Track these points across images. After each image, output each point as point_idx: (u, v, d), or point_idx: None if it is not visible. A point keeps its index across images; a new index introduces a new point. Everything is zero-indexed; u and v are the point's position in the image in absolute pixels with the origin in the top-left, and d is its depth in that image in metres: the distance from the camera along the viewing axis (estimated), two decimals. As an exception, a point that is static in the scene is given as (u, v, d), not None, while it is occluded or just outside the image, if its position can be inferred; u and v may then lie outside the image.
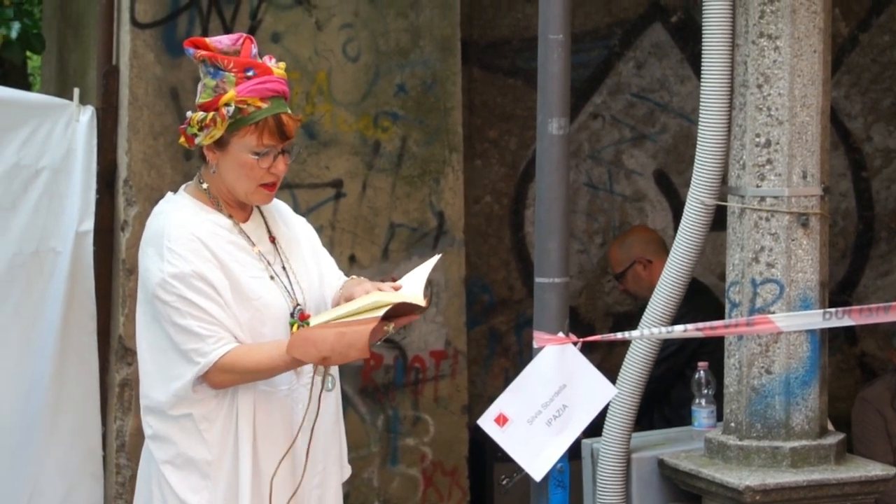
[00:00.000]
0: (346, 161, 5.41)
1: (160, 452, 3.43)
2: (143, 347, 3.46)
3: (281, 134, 3.41)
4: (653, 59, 6.36)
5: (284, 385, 3.46)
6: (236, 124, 3.38)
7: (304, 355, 3.31)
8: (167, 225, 3.39)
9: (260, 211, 3.57)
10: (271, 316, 3.43)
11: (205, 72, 3.41)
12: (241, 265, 3.42)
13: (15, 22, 5.74)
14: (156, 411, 3.43)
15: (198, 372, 3.35)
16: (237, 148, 3.40)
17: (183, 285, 3.33)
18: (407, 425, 5.51)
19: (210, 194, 3.47)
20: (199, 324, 3.34)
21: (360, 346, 3.27)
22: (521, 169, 6.26)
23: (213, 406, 3.41)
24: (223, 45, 3.43)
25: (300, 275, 3.54)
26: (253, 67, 3.40)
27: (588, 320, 6.32)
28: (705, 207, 4.23)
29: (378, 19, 5.44)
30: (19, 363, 4.97)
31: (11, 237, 4.93)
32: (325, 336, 3.29)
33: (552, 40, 4.13)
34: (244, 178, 3.42)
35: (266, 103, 3.39)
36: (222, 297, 3.37)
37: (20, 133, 4.94)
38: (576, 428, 3.94)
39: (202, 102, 3.41)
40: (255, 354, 3.37)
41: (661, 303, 4.27)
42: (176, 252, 3.35)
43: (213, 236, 3.41)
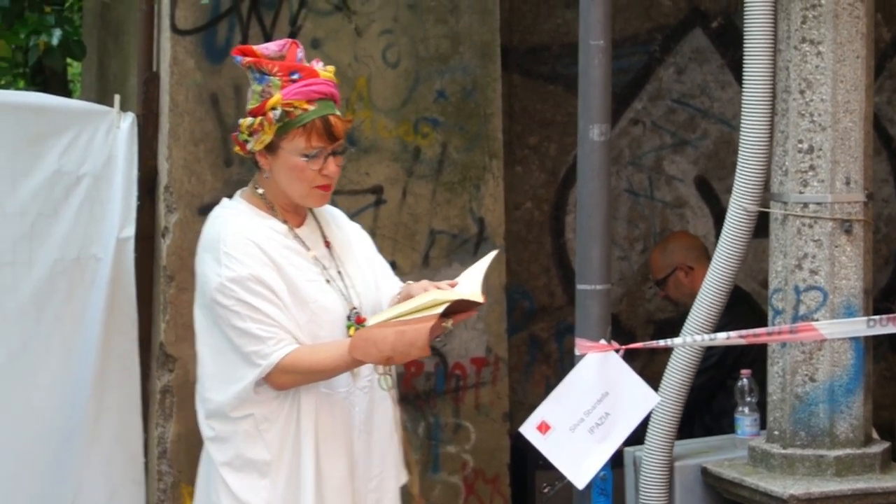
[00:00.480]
0: (386, 167, 5.41)
1: (219, 454, 3.46)
2: (203, 351, 3.50)
3: (329, 135, 3.44)
4: (693, 64, 6.33)
5: (342, 388, 3.48)
6: (284, 128, 3.41)
7: (366, 355, 3.34)
8: (223, 230, 3.44)
9: (315, 216, 3.60)
10: (328, 319, 3.46)
11: (252, 78, 3.46)
12: (296, 269, 3.45)
13: (56, 29, 5.77)
14: (217, 413, 3.47)
15: (259, 374, 3.38)
16: (287, 151, 3.43)
17: (241, 288, 3.37)
18: (448, 433, 5.50)
19: (265, 199, 3.51)
20: (259, 326, 3.37)
21: (420, 343, 3.29)
22: (562, 175, 6.24)
23: (274, 407, 3.43)
24: (269, 51, 3.47)
25: (355, 279, 3.57)
26: (298, 70, 3.43)
27: (629, 327, 6.29)
28: (748, 214, 4.20)
29: (418, 25, 5.43)
30: (61, 369, 4.98)
31: (53, 244, 4.95)
32: (385, 335, 3.31)
33: (593, 46, 4.12)
34: (296, 180, 3.45)
35: (313, 105, 3.42)
36: (280, 300, 3.40)
37: (62, 140, 4.96)
38: (619, 436, 3.92)
39: (251, 108, 3.46)
40: (317, 355, 3.40)
41: (703, 310, 4.24)
42: (233, 256, 3.39)
43: (269, 241, 3.44)
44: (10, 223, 4.88)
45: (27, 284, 4.90)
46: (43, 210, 4.93)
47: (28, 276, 4.90)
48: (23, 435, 4.93)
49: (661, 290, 5.68)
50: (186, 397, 5.14)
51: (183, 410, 5.16)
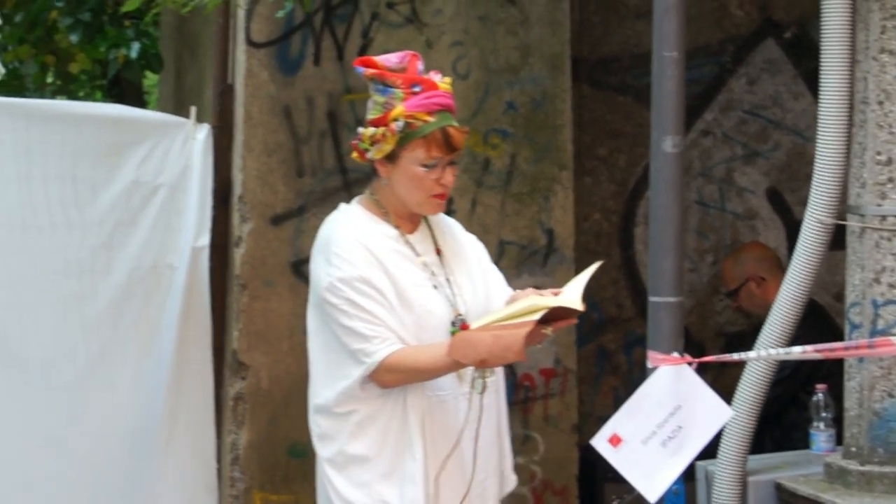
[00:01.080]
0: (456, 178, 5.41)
1: (324, 450, 3.57)
2: (314, 349, 3.59)
3: (448, 146, 3.53)
4: (765, 75, 6.29)
5: (446, 391, 3.55)
6: (405, 138, 3.50)
7: (464, 357, 3.41)
8: (335, 232, 3.55)
9: (428, 224, 3.68)
10: (432, 323, 3.53)
11: (374, 89, 3.55)
12: (404, 272, 3.54)
13: (134, 42, 5.85)
14: (323, 410, 3.56)
15: (364, 371, 3.47)
16: (407, 161, 3.52)
17: (349, 289, 3.46)
18: (517, 444, 5.47)
19: (380, 205, 3.61)
20: (366, 325, 3.46)
21: (516, 348, 3.35)
22: (631, 186, 6.22)
23: (378, 405, 3.52)
24: (391, 63, 3.56)
25: (464, 287, 3.64)
26: (419, 83, 3.53)
27: (699, 340, 6.26)
28: (823, 226, 4.16)
29: (488, 37, 5.45)
30: (137, 376, 5.04)
31: (130, 252, 5.01)
32: (482, 338, 3.38)
33: (666, 57, 4.11)
34: (415, 189, 3.55)
35: (433, 117, 3.51)
36: (388, 301, 3.49)
37: (139, 150, 5.03)
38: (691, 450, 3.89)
39: (372, 118, 3.54)
40: (419, 355, 3.49)
41: (777, 323, 4.21)
42: (342, 257, 3.49)
43: (379, 244, 3.54)
44: (89, 232, 4.96)
45: (105, 292, 4.98)
46: (121, 219, 5.00)
47: (106, 284, 4.98)
48: (100, 440, 5.00)
49: (733, 301, 5.65)
50: (258, 404, 5.19)
51: (255, 417, 5.20)
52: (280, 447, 5.18)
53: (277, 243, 5.23)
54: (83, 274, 4.95)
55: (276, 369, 5.20)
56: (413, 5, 5.37)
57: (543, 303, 3.42)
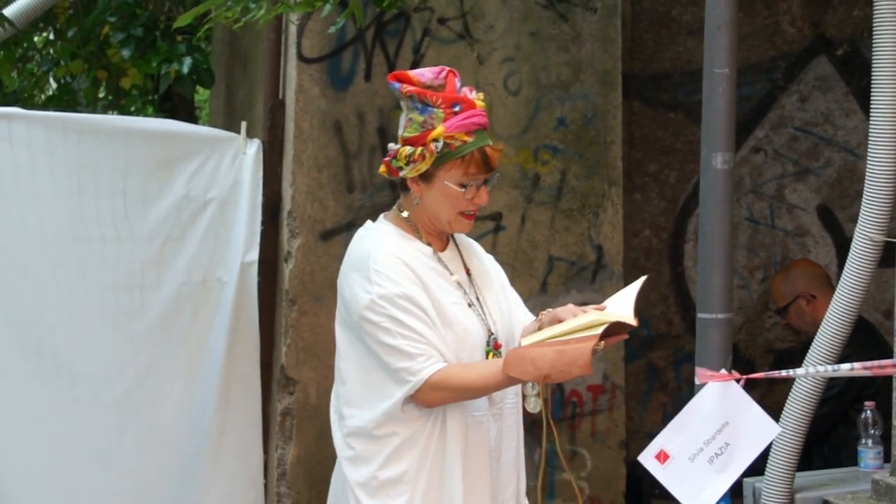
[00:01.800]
0: (506, 194, 5.43)
1: (356, 474, 3.48)
2: (349, 370, 3.51)
3: (486, 165, 3.49)
4: (817, 92, 6.26)
5: (480, 411, 3.50)
6: (443, 158, 3.45)
7: (523, 374, 3.34)
8: (373, 249, 3.47)
9: (455, 244, 3.64)
10: (470, 342, 3.49)
11: (411, 107, 3.48)
12: (442, 291, 3.49)
13: (186, 57, 5.89)
14: (360, 432, 3.48)
15: (408, 391, 3.40)
16: (443, 180, 3.47)
17: (392, 306, 3.40)
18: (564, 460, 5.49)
19: (410, 222, 3.55)
20: (409, 343, 3.39)
21: (582, 362, 3.30)
22: (681, 203, 6.21)
23: (418, 427, 3.45)
24: (426, 78, 3.49)
25: (492, 307, 3.60)
26: (459, 102, 3.46)
27: (748, 356, 6.23)
28: (873, 244, 4.14)
29: (539, 53, 5.46)
30: (186, 390, 5.07)
31: (180, 267, 5.04)
32: (543, 354, 3.32)
33: (718, 74, 4.09)
34: (449, 207, 3.50)
35: (471, 137, 3.46)
36: (430, 317, 3.43)
37: (190, 165, 5.06)
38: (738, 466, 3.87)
39: (409, 137, 3.47)
40: (469, 372, 3.42)
41: (826, 340, 4.18)
42: (383, 274, 3.42)
43: (417, 261, 3.49)
44: (139, 247, 4.99)
45: (155, 306, 5.01)
46: (171, 234, 5.03)
47: (156, 299, 5.01)
48: (147, 454, 5.02)
49: (783, 318, 5.61)
50: (306, 420, 5.21)
51: (302, 433, 5.22)
52: (328, 463, 5.14)
53: (326, 258, 5.25)
54: (133, 288, 4.97)
55: (325, 384, 5.21)
56: (465, 21, 5.39)
57: (605, 318, 3.37)
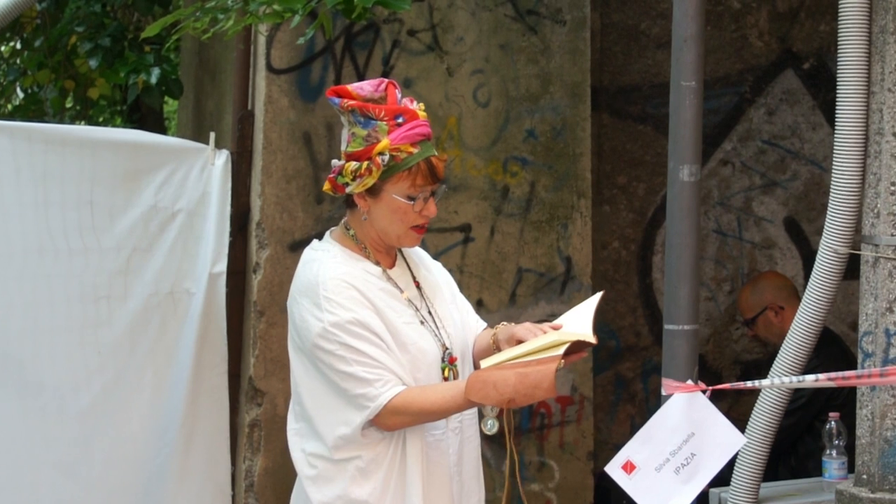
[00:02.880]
0: (475, 206, 5.44)
1: (319, 494, 3.43)
2: (303, 395, 3.45)
3: (433, 176, 3.44)
4: (784, 105, 6.30)
5: (439, 430, 3.48)
6: (389, 171, 3.39)
7: (485, 398, 3.31)
8: (321, 274, 3.40)
9: (403, 257, 3.59)
10: (425, 361, 3.45)
11: (353, 121, 3.42)
12: (394, 312, 3.44)
13: (155, 68, 5.88)
14: (321, 455, 3.43)
15: (368, 416, 3.35)
16: (391, 194, 3.42)
17: (344, 333, 3.34)
18: (532, 471, 5.50)
19: (357, 240, 3.50)
20: (365, 369, 3.34)
21: (546, 385, 3.26)
22: (650, 215, 6.23)
23: (380, 449, 3.41)
24: (367, 91, 3.44)
25: (445, 319, 3.56)
26: (402, 114, 3.41)
27: (715, 368, 6.25)
28: (838, 256, 4.17)
29: (509, 65, 5.47)
30: (153, 401, 5.05)
31: (148, 278, 5.03)
32: (505, 378, 3.28)
33: (684, 87, 4.12)
34: (397, 222, 3.44)
35: (416, 148, 3.41)
36: (384, 341, 3.38)
37: (158, 176, 5.04)
38: (704, 477, 3.88)
39: (353, 151, 3.42)
40: (429, 396, 3.38)
41: (792, 352, 4.21)
42: (333, 300, 3.35)
43: (366, 283, 3.42)
44: (106, 258, 4.97)
45: (122, 318, 4.99)
46: (139, 245, 5.01)
47: (123, 310, 4.99)
48: (115, 465, 5.00)
49: (750, 330, 5.64)
50: (274, 431, 5.20)
51: (270, 444, 5.21)
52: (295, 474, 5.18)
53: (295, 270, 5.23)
54: (100, 299, 4.96)
55: (293, 395, 5.21)
56: (434, 33, 5.40)
57: (565, 338, 3.34)
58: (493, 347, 3.55)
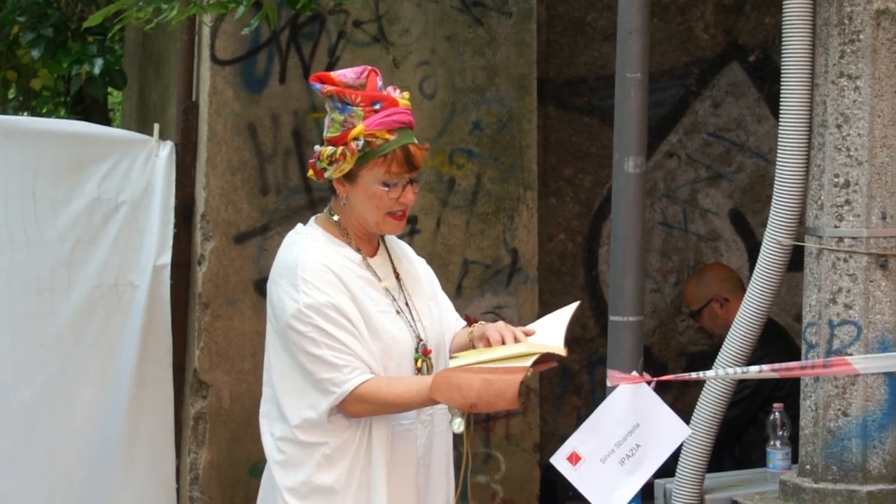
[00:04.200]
0: (421, 198, 5.43)
1: (286, 479, 3.44)
2: (274, 377, 3.48)
3: (409, 164, 3.45)
4: (730, 98, 6.33)
5: (408, 420, 3.48)
6: (365, 157, 3.41)
7: (449, 400, 3.31)
8: (301, 256, 3.43)
9: (385, 247, 3.61)
10: (398, 350, 3.46)
11: (332, 107, 3.46)
12: (370, 299, 3.46)
13: (98, 58, 5.83)
14: (288, 438, 3.45)
15: (333, 402, 3.37)
16: (367, 180, 3.44)
17: (318, 315, 3.36)
18: (478, 462, 5.50)
19: (340, 226, 3.52)
20: (334, 354, 3.36)
21: (509, 396, 3.27)
22: (596, 207, 6.25)
23: (347, 436, 3.43)
24: (348, 78, 3.47)
25: (422, 312, 3.57)
26: (379, 100, 3.44)
27: (661, 360, 6.28)
28: (782, 248, 4.20)
29: (455, 57, 5.47)
30: (97, 395, 5.02)
31: (91, 270, 4.99)
32: (470, 382, 3.28)
33: (630, 79, 4.13)
34: (374, 208, 3.46)
35: (393, 135, 3.42)
36: (356, 328, 3.40)
37: (102, 167, 5.01)
38: (649, 468, 3.90)
39: (331, 137, 3.45)
40: (394, 388, 3.39)
41: (736, 343, 4.24)
42: (311, 283, 3.38)
43: (345, 269, 3.45)
44: (49, 249, 4.93)
45: (65, 310, 4.96)
46: (82, 237, 4.98)
47: (66, 302, 4.96)
48: (58, 457, 4.97)
49: (696, 322, 5.66)
50: (219, 424, 5.18)
51: (215, 437, 5.18)
52: (241, 466, 5.17)
53: (240, 262, 5.22)
54: (42, 292, 4.92)
55: (238, 388, 5.19)
56: (380, 24, 5.39)
57: (534, 349, 3.34)
58: (469, 346, 3.57)
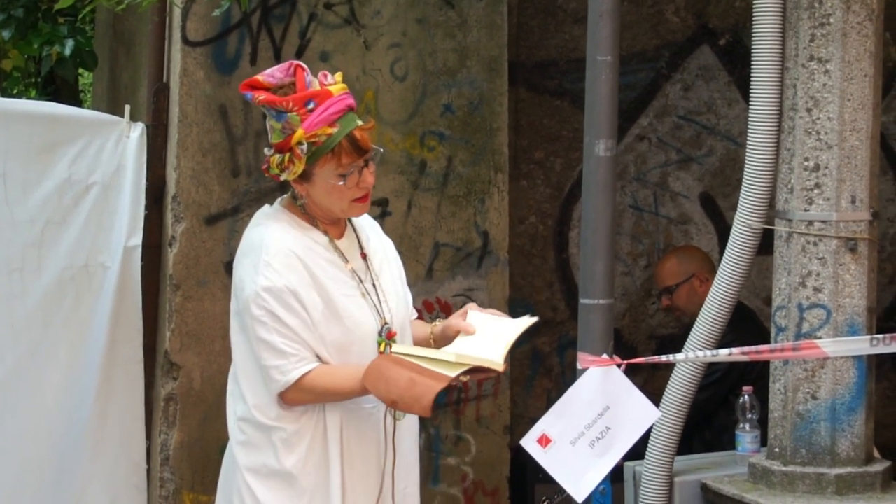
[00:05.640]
0: (392, 180, 5.43)
1: (246, 459, 3.47)
2: (236, 358, 3.50)
3: (358, 150, 3.44)
4: (700, 81, 6.35)
5: (370, 404, 3.49)
6: (313, 156, 3.40)
7: (375, 390, 3.34)
8: (265, 238, 3.44)
9: (353, 227, 3.61)
10: (360, 335, 3.47)
11: (269, 115, 3.44)
12: (334, 283, 3.46)
13: (68, 39, 5.80)
14: (248, 419, 3.47)
15: (276, 389, 3.39)
16: (321, 176, 3.44)
17: (273, 300, 3.37)
18: (448, 444, 5.51)
19: (306, 209, 3.51)
20: (284, 341, 3.38)
21: (424, 402, 3.28)
22: (567, 190, 6.25)
23: (303, 422, 3.44)
24: (276, 79, 3.43)
25: (389, 293, 3.58)
26: (311, 98, 3.40)
27: (631, 343, 6.30)
28: (752, 231, 4.21)
29: (426, 39, 5.46)
30: (67, 376, 5.01)
31: (62, 251, 4.98)
32: (398, 377, 3.30)
33: (600, 62, 4.13)
34: (336, 200, 3.47)
35: (335, 127, 3.41)
36: (311, 317, 3.40)
37: (72, 148, 4.99)
38: (619, 450, 3.92)
39: (276, 143, 3.44)
40: (333, 377, 3.41)
41: (706, 326, 4.26)
42: (272, 266, 3.39)
43: (310, 252, 3.45)
44: (19, 230, 4.92)
45: (35, 291, 4.94)
46: (52, 218, 4.96)
47: (36, 283, 4.94)
48: (28, 439, 4.96)
49: (667, 299, 5.62)
50: (190, 405, 5.17)
51: (186, 418, 5.18)
52: (211, 448, 5.16)
53: (211, 243, 5.21)
54: (12, 273, 4.91)
55: (209, 370, 5.18)
56: (351, 6, 5.37)
57: (467, 360, 3.36)
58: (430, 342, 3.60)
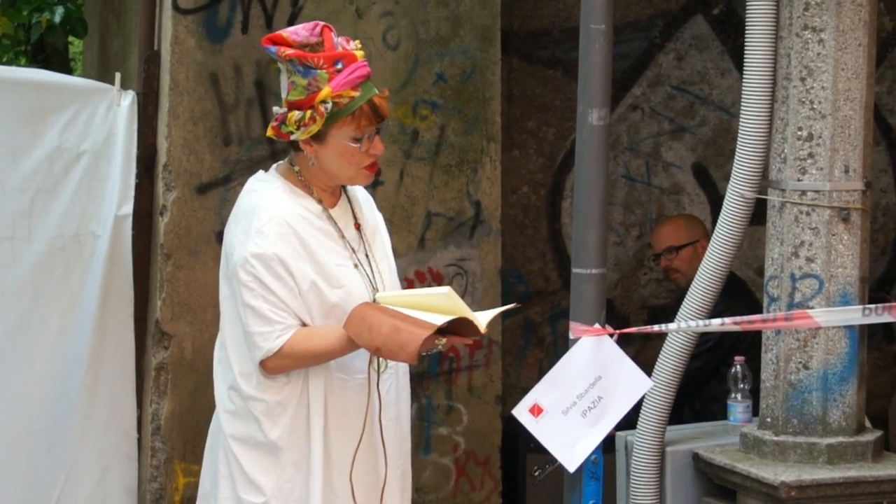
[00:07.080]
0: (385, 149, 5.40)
1: (232, 428, 3.48)
2: (224, 325, 3.51)
3: (377, 116, 3.47)
4: (693, 51, 6.33)
5: (360, 374, 3.48)
6: (333, 117, 3.41)
7: (357, 336, 3.34)
8: (259, 204, 3.44)
9: (347, 196, 3.61)
10: (352, 304, 3.44)
11: (292, 70, 3.42)
12: (327, 252, 3.46)
13: (59, 7, 5.78)
14: (236, 388, 3.48)
15: (259, 356, 3.40)
16: (337, 138, 3.44)
17: (262, 266, 3.37)
18: (440, 414, 5.52)
19: (301, 177, 3.51)
20: (271, 308, 3.38)
21: (410, 349, 3.28)
22: (559, 160, 6.25)
23: (286, 392, 3.45)
24: (302, 37, 3.43)
25: (381, 263, 3.59)
26: (341, 59, 3.42)
27: (623, 313, 6.30)
28: (745, 201, 4.21)
29: (418, 8, 5.43)
30: (58, 345, 5.00)
31: (52, 220, 4.96)
32: (381, 324, 3.30)
33: (594, 30, 4.11)
34: (346, 165, 3.47)
35: (358, 91, 3.42)
36: (298, 286, 3.40)
37: (62, 116, 4.97)
38: (610, 420, 3.93)
39: (295, 100, 3.42)
40: (313, 338, 3.41)
41: (698, 296, 4.25)
42: (263, 232, 3.39)
43: (302, 221, 3.45)
44: (9, 199, 4.90)
45: (26, 260, 4.93)
46: (43, 186, 4.95)
47: (27, 252, 4.93)
48: (19, 409, 4.96)
49: (667, 259, 5.57)
50: (181, 374, 5.17)
51: (177, 387, 5.17)
52: (202, 417, 5.13)
53: (202, 212, 5.19)
54: (2, 242, 4.89)
55: (200, 339, 5.17)
56: (344, -26, 5.35)
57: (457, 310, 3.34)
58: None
